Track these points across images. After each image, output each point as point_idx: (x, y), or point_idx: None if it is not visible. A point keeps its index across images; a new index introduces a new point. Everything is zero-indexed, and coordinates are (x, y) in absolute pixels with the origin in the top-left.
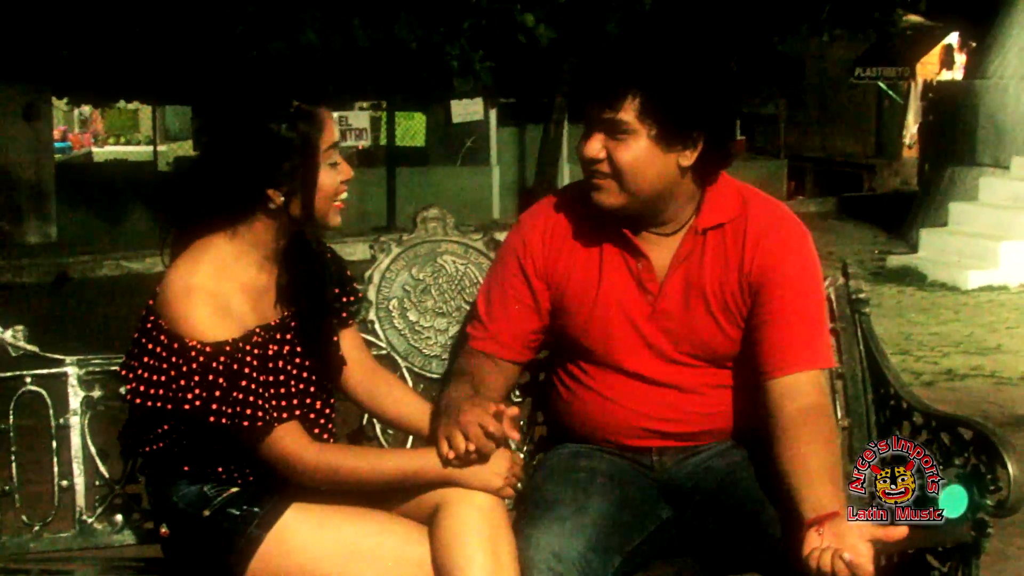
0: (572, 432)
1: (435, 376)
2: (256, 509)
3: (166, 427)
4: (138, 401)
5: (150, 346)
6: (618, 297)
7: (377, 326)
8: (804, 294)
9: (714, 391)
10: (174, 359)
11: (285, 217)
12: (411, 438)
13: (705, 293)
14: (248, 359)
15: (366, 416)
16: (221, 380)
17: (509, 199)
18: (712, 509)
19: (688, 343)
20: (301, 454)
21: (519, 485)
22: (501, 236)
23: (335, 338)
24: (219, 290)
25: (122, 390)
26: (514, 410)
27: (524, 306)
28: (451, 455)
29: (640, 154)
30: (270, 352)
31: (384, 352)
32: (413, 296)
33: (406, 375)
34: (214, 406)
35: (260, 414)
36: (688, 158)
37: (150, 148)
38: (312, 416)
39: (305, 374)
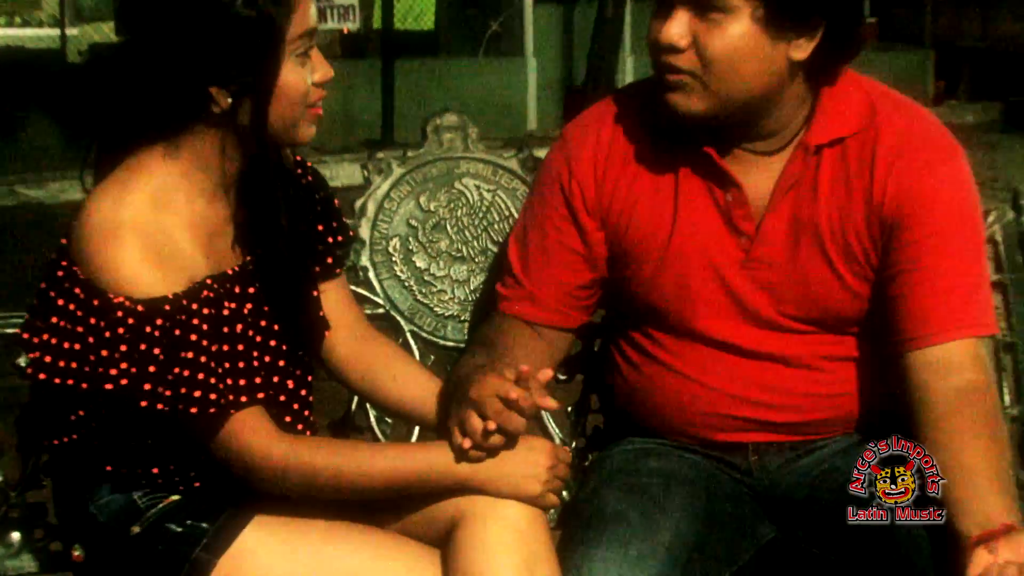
0: (639, 422)
1: (450, 344)
2: (204, 525)
3: (82, 413)
4: (43, 377)
5: (61, 302)
6: (700, 240)
7: (372, 276)
8: (956, 234)
9: (832, 366)
10: (94, 321)
11: (234, 128)
12: (416, 430)
13: (820, 233)
14: (195, 321)
15: (355, 400)
16: (158, 350)
17: (549, 103)
18: (832, 529)
19: (795, 302)
20: (267, 451)
21: (565, 493)
22: (542, 154)
23: (315, 293)
24: (157, 227)
25: (21, 361)
26: (546, 372)
27: (572, 253)
28: (466, 444)
29: (739, 42)
30: (225, 312)
31: (381, 311)
32: (422, 234)
33: (411, 343)
34: (147, 386)
35: (212, 397)
36: (802, 49)
37: (56, 32)
38: (282, 400)
39: (273, 342)
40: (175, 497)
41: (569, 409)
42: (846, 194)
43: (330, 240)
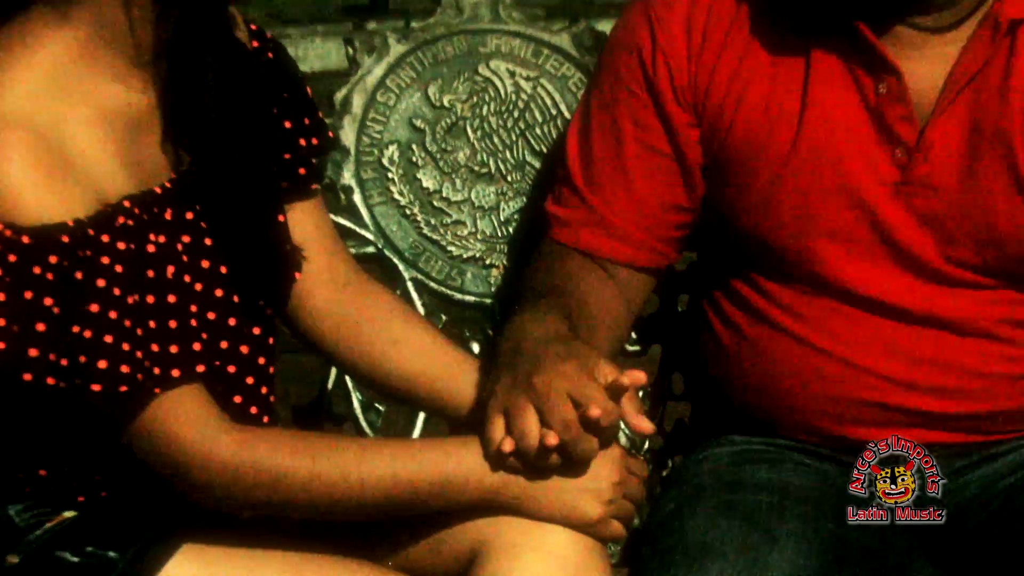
0: (741, 414)
1: (470, 299)
2: (111, 554)
3: None
4: None
5: None
6: (837, 149)
7: (359, 200)
8: None
9: (1022, 336)
10: None
11: None
12: (420, 418)
13: (1010, 146)
14: (106, 260)
15: (334, 373)
16: (50, 301)
17: None
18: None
19: (972, 243)
20: (207, 447)
21: (636, 519)
22: (606, 27)
23: (280, 218)
24: (50, 124)
25: None
26: (640, 376)
27: (657, 158)
28: (508, 447)
29: None
30: (150, 248)
31: (371, 251)
32: (431, 141)
33: (413, 295)
34: (34, 351)
35: (124, 370)
36: None
37: None
38: (231, 372)
39: (220, 292)
40: (69, 513)
41: (640, 395)
42: None
43: (302, 143)
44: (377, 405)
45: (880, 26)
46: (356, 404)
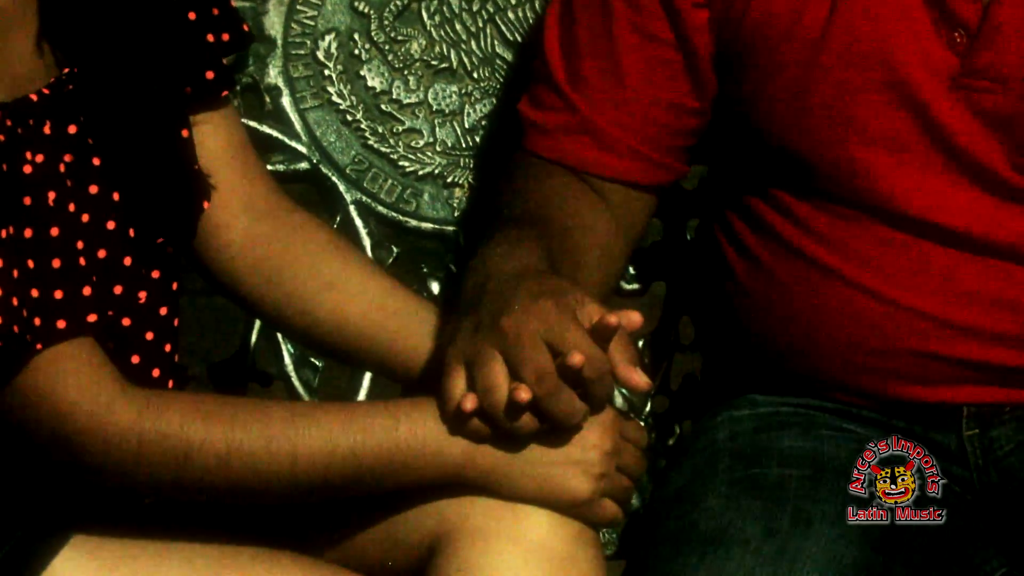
0: (764, 367)
1: (428, 227)
2: None
3: None
4: None
5: None
6: (881, 33)
7: (287, 104)
8: None
9: None
10: None
11: None
12: (367, 378)
13: None
14: None
15: (257, 326)
16: None
17: None
18: None
19: None
20: (102, 413)
21: (635, 498)
22: None
23: (183, 133)
24: None
25: None
26: (634, 317)
27: (657, 47)
28: (469, 404)
29: None
30: (26, 170)
31: (304, 167)
32: (376, 27)
33: (357, 222)
34: None
35: None
36: None
37: None
38: (126, 325)
39: (111, 224)
40: None
41: (640, 344)
42: None
43: (210, 38)
44: (313, 361)
45: None
46: (287, 360)
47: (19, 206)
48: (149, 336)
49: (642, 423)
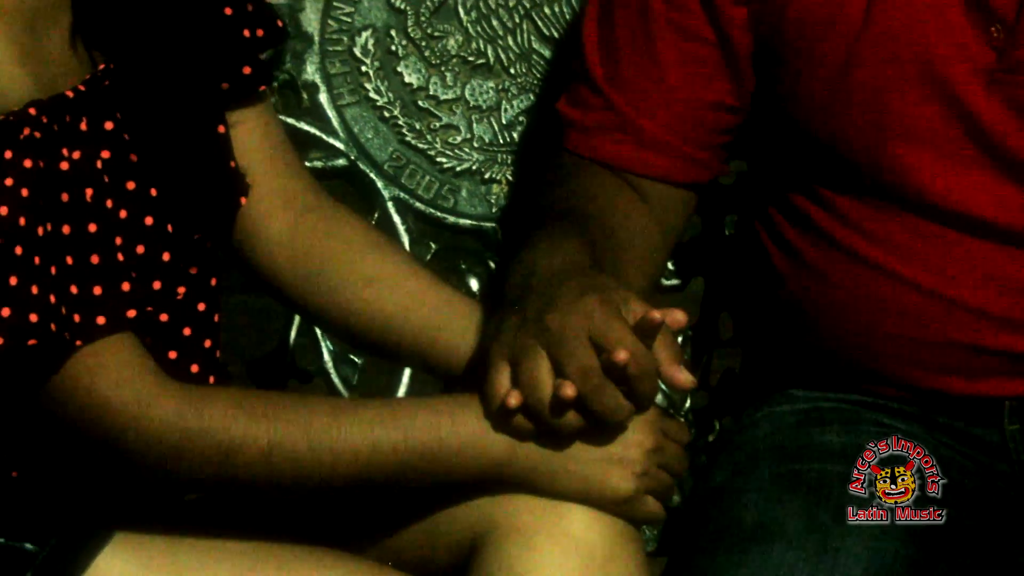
0: (805, 362)
1: (466, 223)
2: (28, 546)
3: None
4: None
5: None
6: (919, 28)
7: (325, 100)
8: None
9: None
10: None
11: None
12: (406, 374)
13: None
14: (8, 183)
15: (298, 319)
16: None
17: None
18: None
19: None
20: (143, 408)
21: (676, 496)
22: None
23: (221, 129)
24: None
25: None
26: (679, 315)
27: (696, 44)
28: (513, 400)
29: None
30: (63, 166)
31: (341, 164)
32: (413, 25)
33: (395, 219)
34: None
35: (34, 317)
36: None
37: None
38: (165, 321)
39: (150, 219)
40: None
41: (680, 340)
42: None
43: (246, 34)
44: (353, 357)
45: None
46: (327, 356)
47: (57, 203)
48: (187, 332)
49: (682, 420)
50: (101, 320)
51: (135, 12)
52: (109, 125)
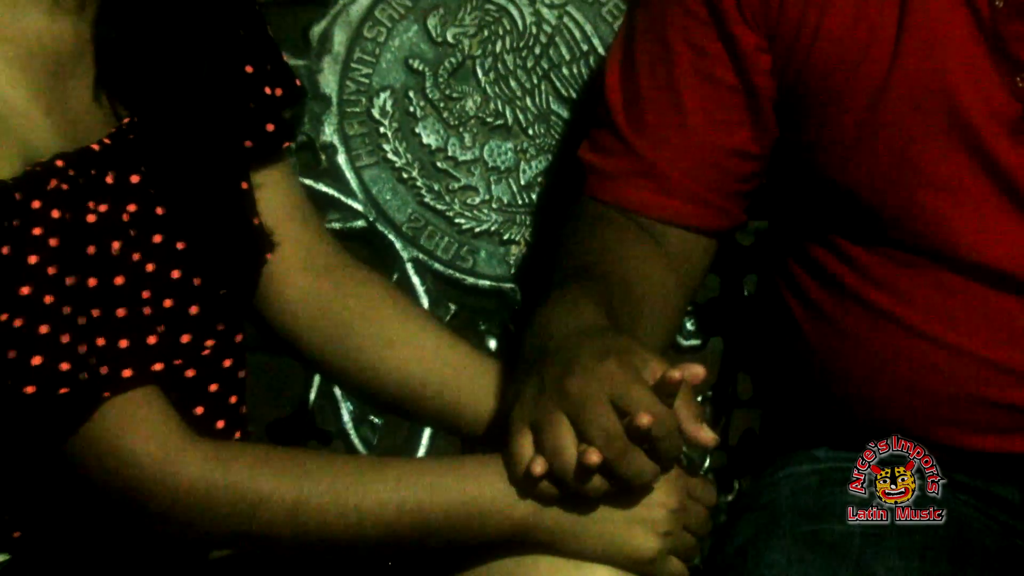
0: (826, 422)
1: (485, 284)
2: None
3: None
4: None
5: None
6: (942, 79)
7: (343, 162)
8: None
9: None
10: None
11: None
12: (426, 435)
13: None
14: (37, 232)
15: (317, 380)
16: None
17: None
18: None
19: None
20: (170, 463)
21: (698, 558)
22: None
23: (244, 185)
24: None
25: None
26: (698, 371)
27: (720, 91)
28: (538, 468)
29: None
30: (90, 219)
31: (360, 225)
32: (432, 87)
33: (414, 279)
34: None
35: (66, 366)
36: None
37: None
38: (191, 376)
39: (177, 273)
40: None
41: (700, 399)
42: None
43: (267, 91)
44: (372, 418)
45: None
46: (346, 417)
47: (83, 255)
48: (213, 388)
49: (710, 483)
50: (127, 373)
51: (158, 67)
52: (135, 179)
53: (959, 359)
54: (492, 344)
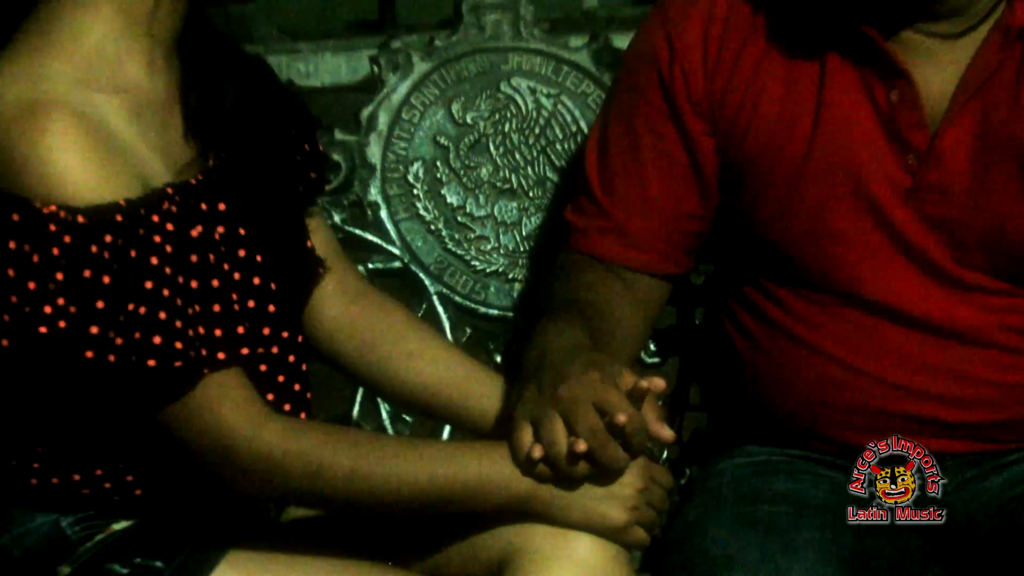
0: (758, 424)
1: (494, 312)
2: (158, 564)
3: None
4: None
5: None
6: (850, 156)
7: (385, 216)
8: None
9: None
10: (15, 244)
11: None
12: (447, 431)
13: (1021, 152)
14: (157, 239)
15: (360, 393)
16: (108, 279)
17: None
18: None
19: (983, 248)
20: (254, 430)
21: (657, 529)
22: (622, 43)
23: (298, 217)
24: (89, 107)
25: None
26: (660, 383)
27: (675, 167)
28: (538, 452)
29: None
30: (194, 233)
31: (397, 266)
32: (454, 158)
33: (439, 309)
34: (95, 328)
35: (177, 346)
36: None
37: None
38: (265, 369)
39: (257, 280)
40: (119, 525)
41: (661, 404)
42: None
43: (307, 147)
44: (405, 416)
45: (891, 33)
46: (384, 416)
47: (189, 262)
48: (281, 379)
49: (669, 472)
50: (222, 355)
51: (229, 121)
52: (222, 206)
53: (861, 377)
54: (498, 359)
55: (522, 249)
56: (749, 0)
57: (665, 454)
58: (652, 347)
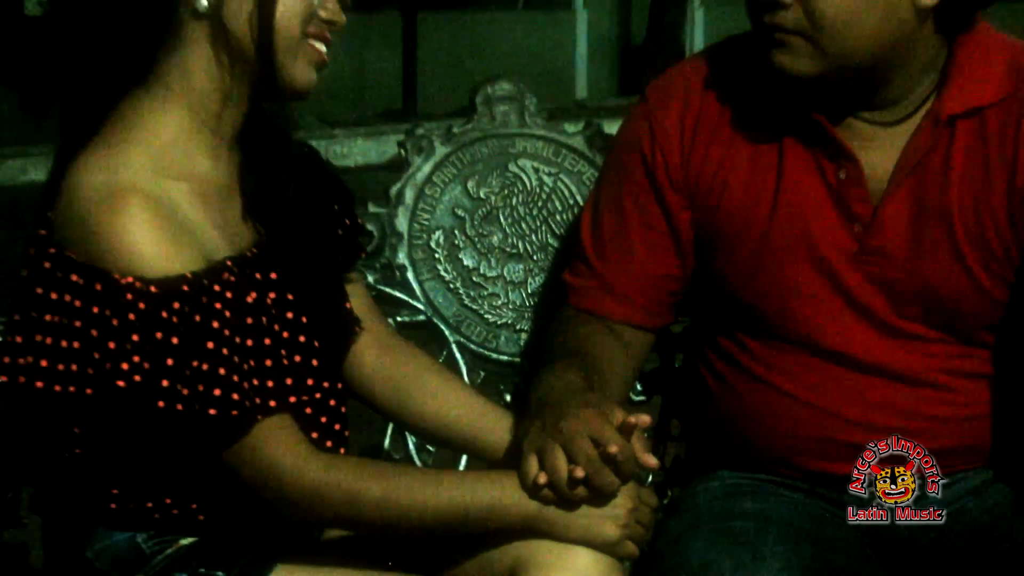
0: (729, 452)
1: (504, 358)
2: (219, 573)
3: (78, 431)
4: (40, 385)
5: (54, 296)
6: (805, 226)
7: (411, 276)
8: None
9: (964, 384)
10: (97, 310)
11: (226, 43)
12: (464, 459)
13: (950, 223)
14: (218, 306)
15: (390, 428)
16: (176, 340)
17: (601, 65)
18: None
19: (919, 303)
20: (299, 468)
21: (645, 543)
22: (611, 128)
23: (340, 283)
24: (161, 192)
25: None
26: (645, 419)
27: (656, 235)
28: (543, 479)
29: None
30: (249, 299)
31: (422, 319)
32: (469, 227)
33: (457, 356)
34: (166, 382)
35: (234, 397)
36: None
37: None
38: (310, 412)
39: (303, 338)
40: (186, 541)
41: (646, 436)
42: (984, 176)
43: (347, 222)
44: (429, 447)
45: (838, 120)
46: (411, 447)
47: (245, 324)
48: (323, 420)
49: (655, 495)
50: (272, 403)
51: (288, 199)
52: (274, 275)
53: (818, 413)
54: (508, 398)
55: (528, 304)
56: (719, 93)
57: (651, 478)
58: (639, 387)
